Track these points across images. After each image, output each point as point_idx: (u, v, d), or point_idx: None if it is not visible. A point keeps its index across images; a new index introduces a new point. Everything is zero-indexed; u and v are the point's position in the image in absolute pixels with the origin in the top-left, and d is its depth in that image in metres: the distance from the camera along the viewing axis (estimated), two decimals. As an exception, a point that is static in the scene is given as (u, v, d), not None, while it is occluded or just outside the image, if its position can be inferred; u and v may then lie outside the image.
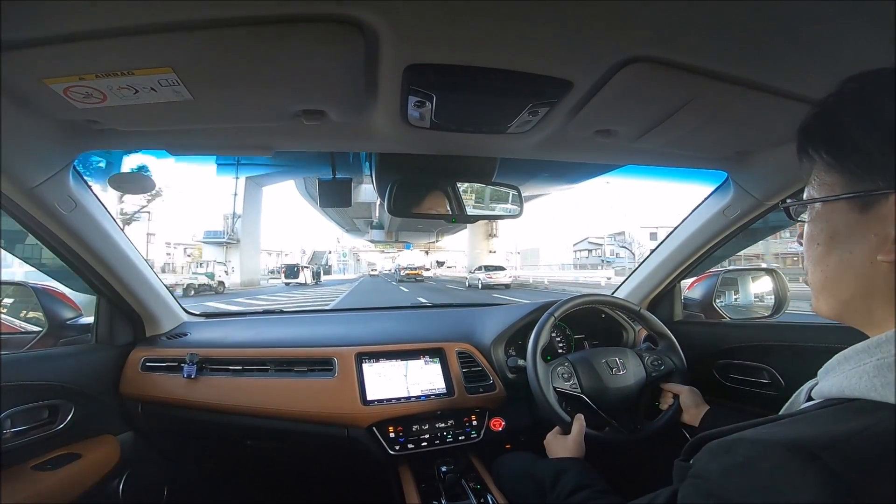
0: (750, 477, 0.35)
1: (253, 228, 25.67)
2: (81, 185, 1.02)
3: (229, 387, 1.27)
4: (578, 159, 1.12)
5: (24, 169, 0.87)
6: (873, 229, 0.39)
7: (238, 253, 24.27)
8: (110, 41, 0.56)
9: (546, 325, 1.21)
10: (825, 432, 0.35)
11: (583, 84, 0.72)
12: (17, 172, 0.86)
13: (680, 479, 0.43)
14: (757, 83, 0.71)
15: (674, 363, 1.20)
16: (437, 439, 1.29)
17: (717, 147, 1.03)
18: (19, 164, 0.85)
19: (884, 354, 0.38)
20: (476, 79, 0.69)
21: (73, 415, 1.11)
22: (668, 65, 0.65)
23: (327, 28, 0.57)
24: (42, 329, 1.35)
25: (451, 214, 1.12)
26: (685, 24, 0.57)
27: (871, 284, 0.40)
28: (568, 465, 0.91)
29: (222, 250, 25.03)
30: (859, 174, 0.39)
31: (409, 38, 0.60)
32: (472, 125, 0.89)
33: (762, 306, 1.54)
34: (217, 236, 25.81)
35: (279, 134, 0.94)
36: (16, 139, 0.79)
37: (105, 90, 0.66)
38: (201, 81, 0.67)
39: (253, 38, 0.57)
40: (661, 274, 1.52)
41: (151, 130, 0.88)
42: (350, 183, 1.08)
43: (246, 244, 24.73)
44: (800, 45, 0.60)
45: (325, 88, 0.73)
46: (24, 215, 0.96)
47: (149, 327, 1.39)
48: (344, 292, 18.50)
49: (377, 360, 1.34)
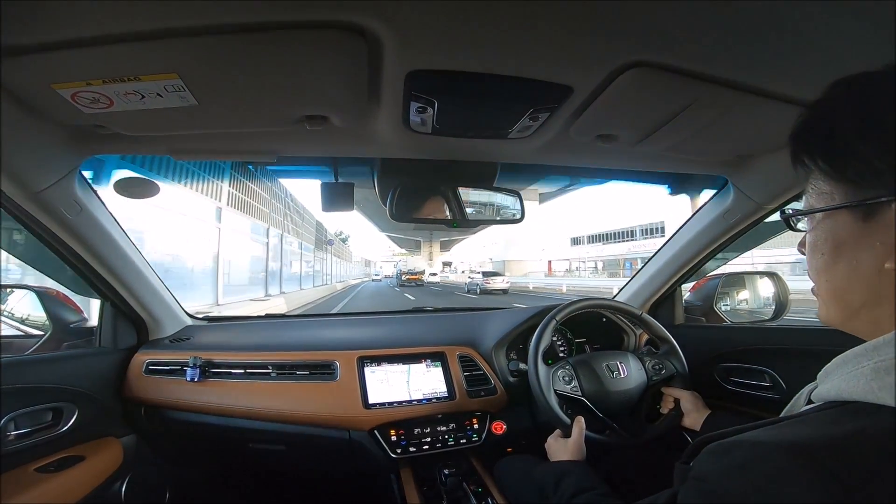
0: (748, 478, 0.36)
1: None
2: (87, 190, 1.03)
3: (232, 390, 1.27)
4: (579, 164, 1.13)
5: (31, 173, 0.87)
6: (878, 237, 0.38)
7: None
8: (117, 47, 0.57)
9: (548, 328, 1.21)
10: (822, 434, 0.36)
11: (583, 89, 0.72)
12: (23, 176, 0.87)
13: (680, 482, 0.44)
14: (756, 87, 0.71)
15: (675, 367, 1.20)
16: (439, 442, 1.29)
17: (716, 151, 1.04)
18: (26, 168, 0.86)
19: (881, 357, 0.38)
20: (477, 85, 0.69)
21: (76, 417, 1.12)
22: (668, 69, 0.66)
23: (331, 35, 0.57)
24: (46, 332, 1.36)
25: (452, 219, 1.12)
26: (684, 29, 0.58)
27: (879, 293, 0.39)
28: (569, 468, 0.91)
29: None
30: (859, 182, 0.39)
31: (411, 45, 0.60)
32: (474, 130, 0.89)
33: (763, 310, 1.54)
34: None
35: (282, 139, 0.95)
36: (23, 143, 0.80)
37: (112, 95, 0.67)
38: (206, 87, 0.67)
39: (257, 44, 0.58)
40: (662, 278, 1.52)
41: (157, 135, 0.88)
42: (353, 187, 1.08)
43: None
44: (799, 48, 0.61)
45: (328, 94, 0.74)
46: (30, 219, 0.96)
47: (152, 331, 1.39)
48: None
49: (379, 363, 1.35)
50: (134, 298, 1.28)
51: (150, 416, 1.29)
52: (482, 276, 22.19)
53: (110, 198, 1.12)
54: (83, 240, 1.06)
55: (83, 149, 0.92)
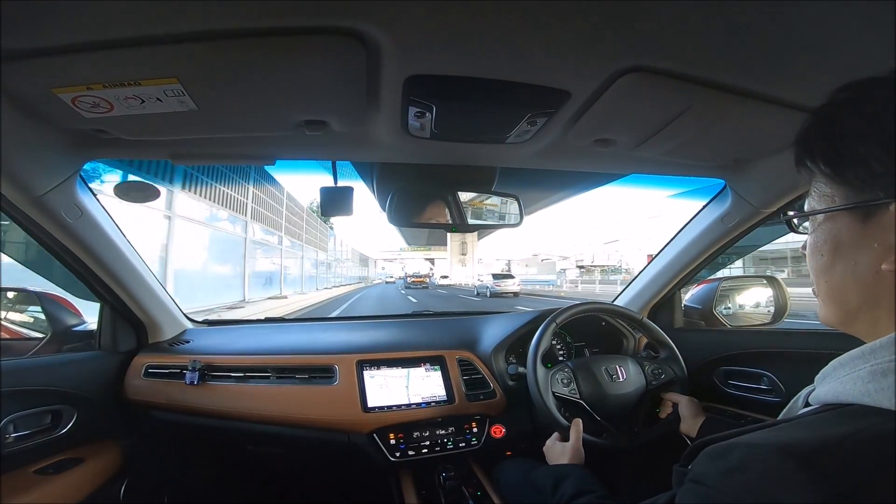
0: (745, 480, 0.36)
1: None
2: (87, 194, 1.03)
3: (231, 393, 1.27)
4: (577, 168, 1.13)
5: (32, 177, 0.88)
6: (876, 239, 0.39)
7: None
8: (118, 52, 0.57)
9: (548, 331, 1.22)
10: (817, 436, 0.36)
11: (581, 94, 0.73)
12: (24, 180, 0.87)
13: (678, 484, 0.44)
14: (754, 92, 0.72)
15: (674, 372, 1.20)
16: (438, 446, 1.29)
17: (714, 155, 1.04)
18: (27, 172, 0.86)
19: (878, 360, 0.38)
20: (475, 89, 0.70)
21: (75, 420, 1.12)
22: (665, 74, 0.66)
23: (330, 40, 0.58)
24: (45, 335, 1.36)
25: (451, 224, 1.12)
26: (682, 34, 0.58)
27: (876, 294, 0.40)
28: (568, 472, 0.91)
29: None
30: (858, 184, 0.39)
31: (409, 50, 0.61)
32: (472, 135, 0.90)
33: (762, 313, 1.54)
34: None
35: (282, 144, 0.96)
36: (24, 148, 0.80)
37: (112, 100, 0.67)
38: (206, 92, 0.68)
39: (257, 49, 0.59)
40: (661, 282, 1.52)
41: (156, 139, 0.89)
42: (352, 191, 1.09)
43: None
44: (796, 53, 0.61)
45: (327, 99, 0.74)
46: (31, 223, 0.97)
47: (152, 334, 1.39)
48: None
49: (378, 367, 1.35)
50: (134, 302, 1.28)
51: (150, 419, 1.29)
52: (492, 278, 21.41)
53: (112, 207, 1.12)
54: (83, 243, 1.06)
55: (83, 153, 0.92)
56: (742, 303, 1.63)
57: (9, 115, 0.71)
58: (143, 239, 7.45)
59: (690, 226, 1.40)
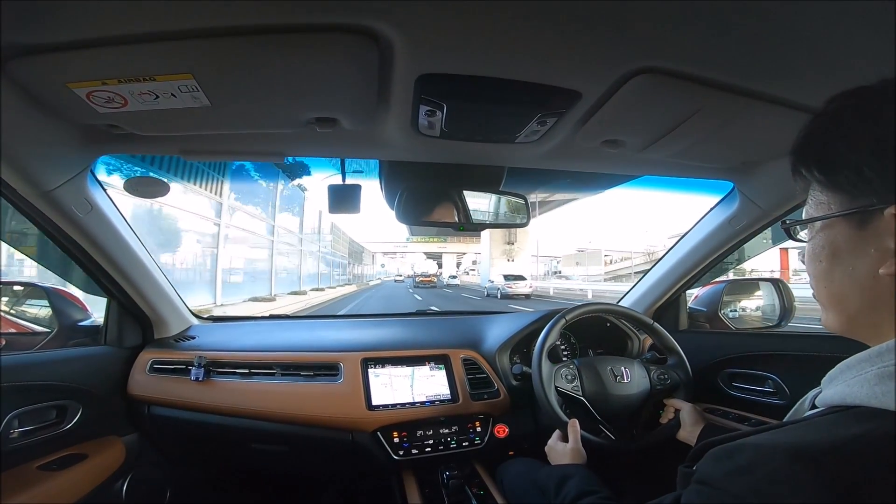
0: (751, 481, 0.36)
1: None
2: (98, 189, 1.04)
3: (236, 390, 1.28)
4: (586, 169, 1.13)
5: (44, 172, 0.88)
6: (873, 244, 0.39)
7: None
8: (134, 47, 0.58)
9: (556, 326, 1.22)
10: (825, 438, 0.36)
11: (591, 95, 0.73)
12: (36, 175, 0.88)
13: (684, 485, 0.44)
14: (763, 94, 0.72)
15: (680, 378, 1.20)
16: (441, 445, 1.29)
17: (723, 157, 1.04)
18: (40, 167, 0.87)
19: (885, 363, 0.38)
20: (486, 89, 0.70)
21: (80, 415, 1.12)
22: (676, 76, 0.66)
23: (343, 38, 0.58)
24: (52, 330, 1.36)
25: (458, 223, 1.12)
26: (692, 36, 0.58)
27: (876, 298, 0.40)
28: (571, 472, 0.91)
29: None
30: (852, 191, 0.40)
31: (422, 49, 0.61)
32: (482, 134, 0.90)
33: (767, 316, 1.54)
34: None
35: (292, 140, 0.96)
36: (37, 142, 0.81)
37: (126, 95, 0.68)
38: (219, 88, 0.68)
39: (271, 46, 0.59)
40: (667, 283, 1.52)
41: (168, 135, 0.89)
42: (360, 188, 1.09)
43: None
44: (806, 55, 0.61)
45: (338, 97, 0.74)
46: (41, 217, 0.97)
47: (157, 330, 1.40)
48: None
49: (383, 365, 1.35)
50: (141, 297, 1.28)
51: (154, 414, 1.29)
52: (504, 279, 21.00)
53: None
54: (92, 238, 1.07)
55: (95, 148, 0.93)
56: (747, 305, 1.63)
57: (23, 109, 0.72)
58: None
59: (698, 227, 1.40)
